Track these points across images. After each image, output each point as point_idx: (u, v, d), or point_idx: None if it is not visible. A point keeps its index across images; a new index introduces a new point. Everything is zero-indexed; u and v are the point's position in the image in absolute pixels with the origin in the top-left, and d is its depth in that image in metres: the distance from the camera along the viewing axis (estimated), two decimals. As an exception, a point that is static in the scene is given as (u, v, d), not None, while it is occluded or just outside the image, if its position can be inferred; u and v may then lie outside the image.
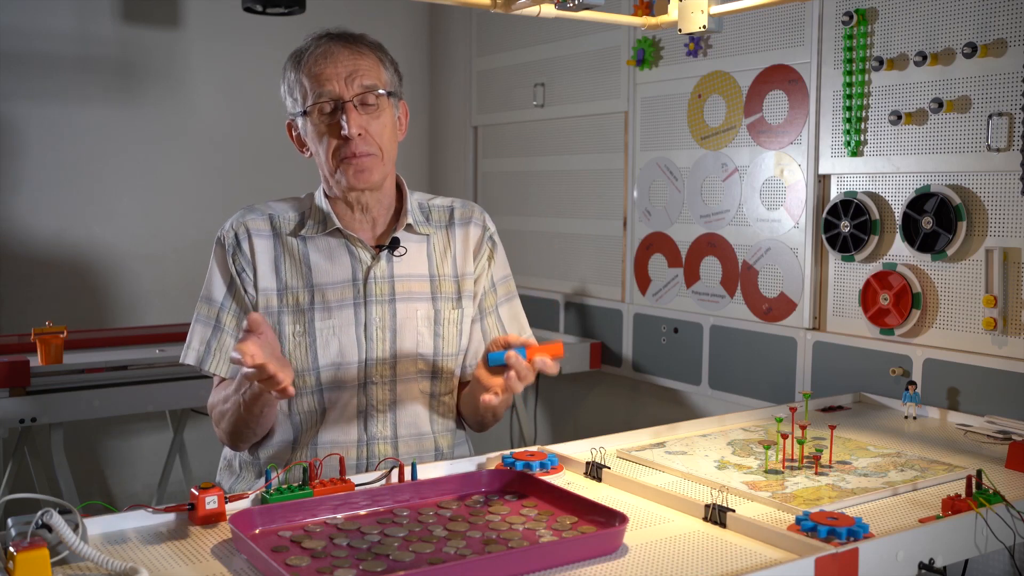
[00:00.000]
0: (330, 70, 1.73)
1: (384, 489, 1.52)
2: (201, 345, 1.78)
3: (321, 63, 1.73)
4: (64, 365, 2.66)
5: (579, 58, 3.35)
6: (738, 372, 2.82)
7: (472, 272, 1.89)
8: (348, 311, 1.77)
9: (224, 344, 1.77)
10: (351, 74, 1.73)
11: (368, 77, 1.74)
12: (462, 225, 1.90)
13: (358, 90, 1.73)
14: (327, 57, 1.74)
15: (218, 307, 1.78)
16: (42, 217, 3.40)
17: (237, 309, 1.78)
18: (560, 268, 3.51)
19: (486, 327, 1.91)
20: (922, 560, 1.39)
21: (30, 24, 3.33)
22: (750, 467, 1.74)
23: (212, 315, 1.78)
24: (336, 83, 1.72)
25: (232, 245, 1.78)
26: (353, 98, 1.72)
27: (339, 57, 1.74)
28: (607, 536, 1.32)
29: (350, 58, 1.74)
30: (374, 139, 1.74)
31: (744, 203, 2.78)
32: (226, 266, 1.78)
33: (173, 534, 1.39)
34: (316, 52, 1.75)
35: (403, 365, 1.80)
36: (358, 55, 1.75)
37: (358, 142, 1.72)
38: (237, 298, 1.78)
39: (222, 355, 1.77)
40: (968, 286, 2.25)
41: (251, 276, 1.77)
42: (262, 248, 1.78)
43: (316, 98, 1.73)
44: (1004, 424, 2.07)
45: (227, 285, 1.79)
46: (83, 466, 3.46)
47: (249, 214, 1.81)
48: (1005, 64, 2.14)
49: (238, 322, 1.77)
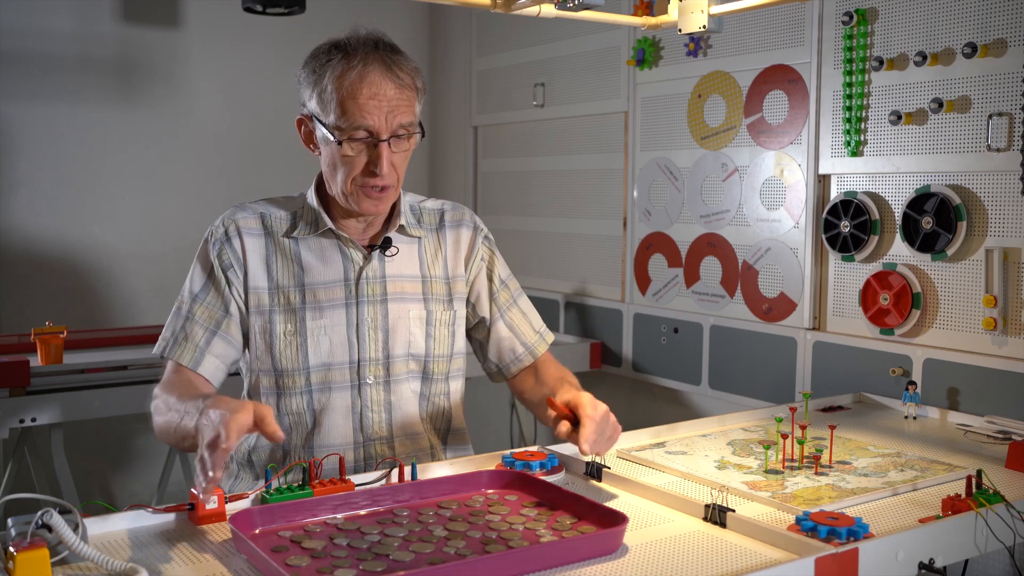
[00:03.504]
0: (373, 104, 1.65)
1: (384, 489, 1.52)
2: (170, 334, 1.74)
3: (365, 91, 1.65)
4: (64, 365, 2.65)
5: (579, 58, 3.35)
6: (738, 372, 2.82)
7: (464, 274, 1.89)
8: (340, 311, 1.77)
9: (192, 334, 1.73)
10: (392, 111, 1.66)
11: (407, 114, 1.69)
12: (452, 227, 1.89)
13: (396, 129, 1.68)
14: (372, 86, 1.65)
15: (192, 298, 1.75)
16: (42, 217, 3.40)
17: (212, 302, 1.74)
18: (560, 268, 3.51)
19: (510, 320, 1.91)
20: (922, 560, 1.39)
21: (30, 24, 3.33)
22: (750, 467, 1.74)
23: (186, 306, 1.75)
24: (376, 118, 1.65)
25: (220, 241, 1.76)
26: (390, 137, 1.68)
27: (384, 90, 1.66)
28: (607, 536, 1.32)
29: (395, 93, 1.67)
30: (396, 171, 1.71)
31: (744, 203, 2.78)
32: (208, 259, 1.76)
33: (173, 534, 1.39)
34: (360, 71, 1.65)
35: (396, 365, 1.79)
36: (401, 88, 1.68)
37: (386, 177, 1.69)
38: (215, 290, 1.75)
39: (188, 343, 1.72)
40: (968, 286, 2.25)
41: (241, 274, 1.75)
42: (253, 246, 1.76)
43: (351, 127, 1.66)
44: (1004, 424, 2.07)
45: (207, 276, 1.76)
46: (83, 466, 3.46)
47: (240, 212, 1.79)
48: (1005, 64, 2.14)
49: (210, 315, 1.74)
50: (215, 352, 1.73)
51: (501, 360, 1.92)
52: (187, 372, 1.72)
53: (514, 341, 1.91)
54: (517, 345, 1.91)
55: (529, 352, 1.91)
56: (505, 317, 1.91)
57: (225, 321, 1.74)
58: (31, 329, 2.69)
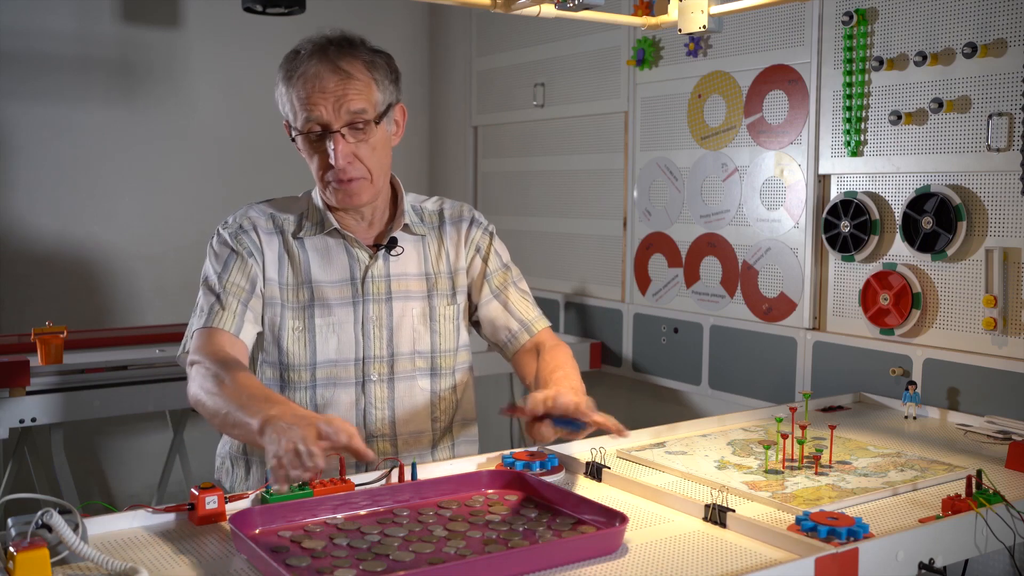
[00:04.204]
0: (317, 96, 1.67)
1: (384, 489, 1.52)
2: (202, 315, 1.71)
3: (309, 86, 1.68)
4: (64, 365, 2.66)
5: (579, 58, 3.35)
6: (738, 372, 2.82)
7: (464, 266, 1.90)
8: (347, 309, 1.79)
9: (227, 304, 1.71)
10: (339, 100, 1.67)
11: (357, 102, 1.69)
12: (453, 223, 1.91)
13: (346, 117, 1.68)
14: (316, 81, 1.67)
15: (217, 277, 1.74)
16: (42, 217, 3.40)
17: (239, 279, 1.73)
18: (560, 268, 3.51)
19: (505, 299, 1.90)
20: (922, 560, 1.39)
21: (30, 24, 3.33)
22: (750, 467, 1.74)
23: (212, 285, 1.74)
24: (323, 109, 1.67)
25: (237, 230, 1.78)
26: (341, 127, 1.68)
27: (327, 83, 1.67)
28: (607, 536, 1.32)
29: (339, 84, 1.68)
30: (363, 163, 1.72)
31: (744, 203, 2.78)
32: (228, 246, 1.76)
33: (173, 534, 1.39)
34: (305, 71, 1.68)
35: (400, 363, 1.81)
36: (347, 79, 1.68)
37: (347, 168, 1.70)
38: (239, 271, 1.74)
39: (225, 312, 1.70)
40: (968, 286, 2.25)
41: (261, 261, 1.76)
42: (267, 241, 1.79)
43: (304, 122, 1.69)
44: (1004, 424, 2.07)
45: (229, 260, 1.75)
46: (83, 466, 3.46)
47: (251, 211, 1.83)
48: (1005, 64, 2.14)
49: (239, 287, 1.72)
50: (250, 320, 1.73)
51: (497, 339, 1.91)
52: (221, 338, 1.68)
53: (509, 319, 1.89)
54: (512, 322, 1.89)
55: (525, 329, 1.89)
56: (500, 296, 1.90)
57: (253, 297, 1.75)
58: (31, 329, 2.69)
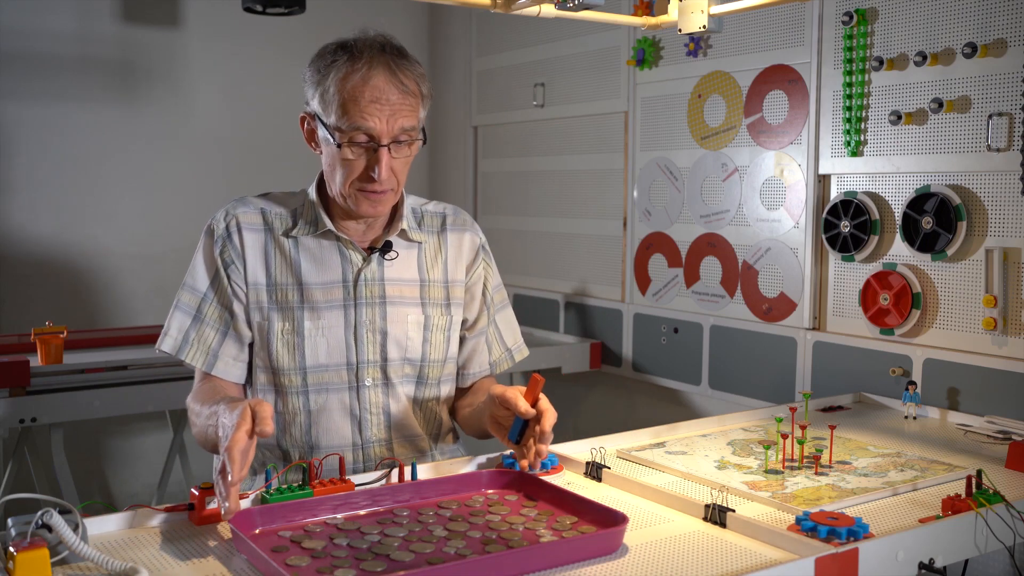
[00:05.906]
0: (375, 107, 1.63)
1: (384, 489, 1.52)
2: (179, 334, 1.74)
3: (367, 94, 1.63)
4: (64, 365, 2.66)
5: (579, 58, 3.35)
6: (738, 372, 2.82)
7: (463, 280, 1.88)
8: (337, 312, 1.76)
9: (204, 336, 1.74)
10: (394, 114, 1.64)
11: (410, 119, 1.67)
12: (455, 231, 1.88)
13: (397, 133, 1.66)
14: (375, 90, 1.63)
15: (200, 297, 1.75)
16: (42, 217, 3.40)
17: (219, 302, 1.75)
18: (560, 268, 3.51)
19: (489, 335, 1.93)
20: (922, 560, 1.39)
21: (30, 24, 3.33)
22: (750, 467, 1.74)
23: (193, 304, 1.75)
24: (377, 121, 1.63)
25: (222, 236, 1.75)
26: (391, 142, 1.66)
27: (387, 93, 1.64)
28: (607, 536, 1.32)
29: (398, 98, 1.65)
30: (396, 176, 1.70)
31: (744, 203, 2.78)
32: (212, 256, 1.75)
33: (173, 534, 1.39)
34: (364, 74, 1.63)
35: (393, 368, 1.79)
36: (405, 94, 1.66)
37: (384, 181, 1.68)
38: (220, 290, 1.75)
39: (200, 346, 1.74)
40: (968, 286, 2.25)
41: (241, 269, 1.74)
42: (252, 242, 1.75)
43: (351, 129, 1.64)
44: (1004, 424, 2.07)
45: (212, 276, 1.75)
46: (83, 466, 3.46)
47: (241, 206, 1.79)
48: (1005, 64, 2.14)
49: (219, 315, 1.74)
50: (229, 353, 1.75)
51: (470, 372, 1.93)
52: (207, 383, 1.74)
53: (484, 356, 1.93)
54: (485, 363, 1.94)
55: (491, 370, 1.95)
56: (486, 333, 1.93)
57: (232, 322, 1.75)
58: (31, 329, 2.69)
